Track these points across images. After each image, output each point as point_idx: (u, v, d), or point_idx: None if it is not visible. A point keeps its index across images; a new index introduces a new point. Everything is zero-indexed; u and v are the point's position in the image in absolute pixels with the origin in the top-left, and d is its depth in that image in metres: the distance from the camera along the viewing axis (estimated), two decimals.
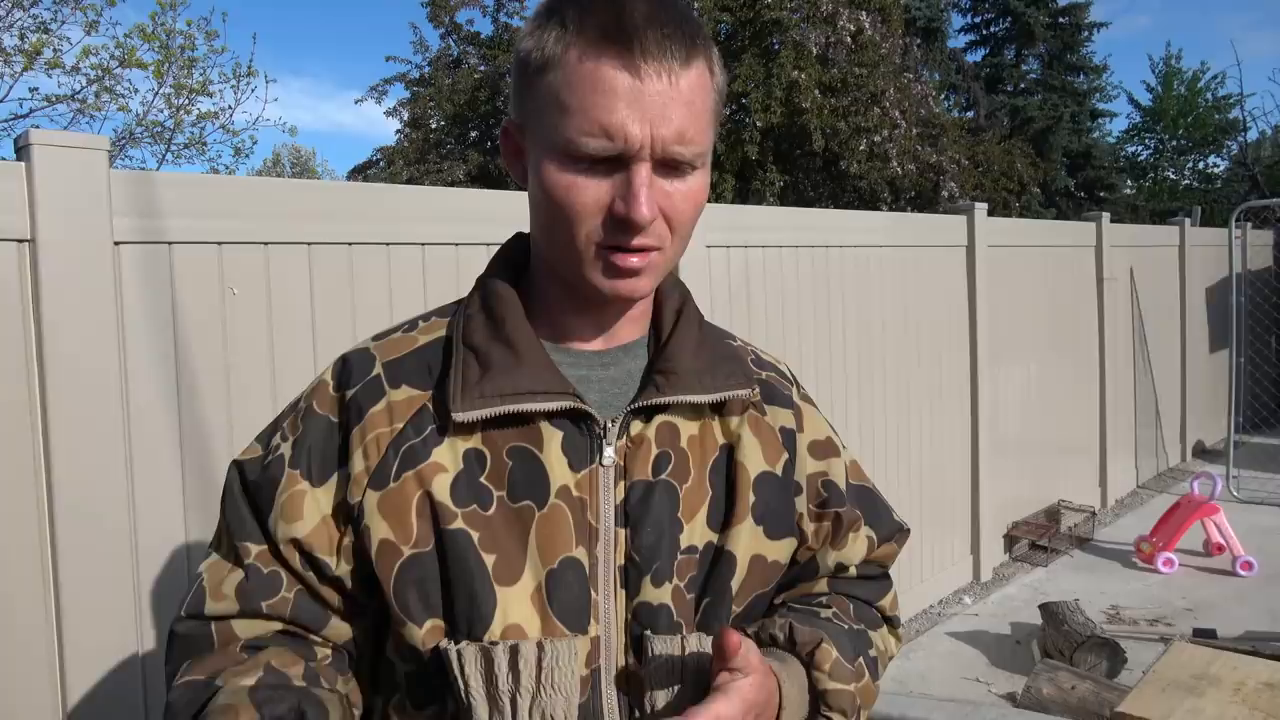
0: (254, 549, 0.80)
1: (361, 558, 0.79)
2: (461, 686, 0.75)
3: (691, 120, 0.74)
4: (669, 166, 0.75)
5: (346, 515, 0.79)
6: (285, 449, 0.82)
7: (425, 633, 0.78)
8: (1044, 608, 3.85)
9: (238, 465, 0.85)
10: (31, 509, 1.73)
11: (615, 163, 0.74)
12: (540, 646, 0.75)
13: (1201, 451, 7.26)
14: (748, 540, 0.85)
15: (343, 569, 0.80)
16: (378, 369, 0.84)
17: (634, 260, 0.77)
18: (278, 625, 0.80)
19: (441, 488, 0.78)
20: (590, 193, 0.75)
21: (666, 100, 0.73)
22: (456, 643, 0.76)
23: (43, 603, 1.74)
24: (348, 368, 0.85)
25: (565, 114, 0.74)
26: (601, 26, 0.73)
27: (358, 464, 0.79)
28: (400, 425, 0.80)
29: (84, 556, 1.76)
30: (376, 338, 0.88)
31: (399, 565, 0.78)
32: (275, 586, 0.80)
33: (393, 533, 0.78)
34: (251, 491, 0.82)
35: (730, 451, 0.87)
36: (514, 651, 0.75)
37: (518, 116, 0.82)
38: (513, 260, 0.89)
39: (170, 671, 0.80)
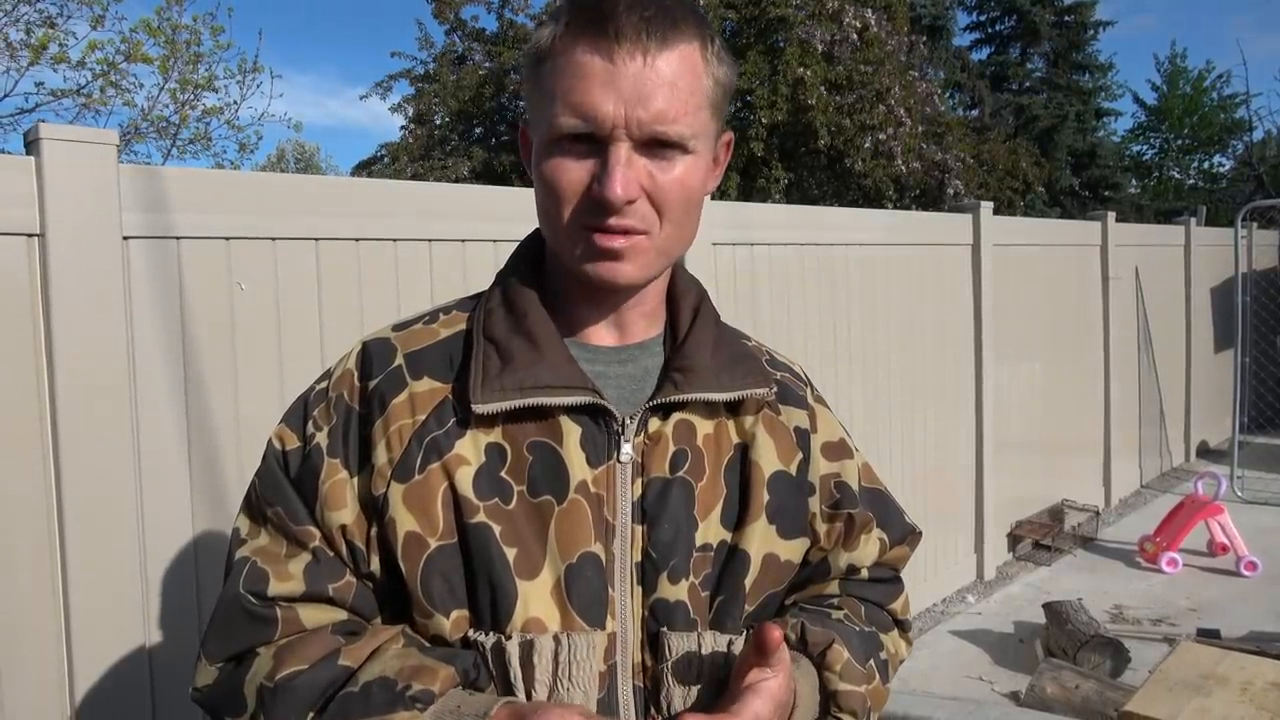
0: (316, 533, 0.80)
1: (384, 549, 0.79)
2: (496, 677, 0.76)
3: (675, 102, 0.75)
4: (653, 148, 0.76)
5: (371, 507, 0.79)
6: (322, 438, 0.82)
7: (452, 624, 0.78)
8: (1047, 607, 3.85)
9: (280, 455, 0.84)
10: (40, 503, 1.74)
11: (595, 144, 0.75)
12: (557, 640, 0.76)
13: (1206, 451, 7.25)
14: (761, 539, 0.85)
15: (374, 562, 0.80)
16: (399, 360, 0.84)
17: (616, 242, 0.77)
18: (341, 614, 0.80)
19: (464, 480, 0.78)
20: (572, 173, 0.76)
21: (642, 81, 0.74)
22: (480, 635, 0.77)
23: (51, 596, 1.75)
24: (369, 357, 0.85)
25: (551, 101, 0.76)
26: (584, 17, 0.75)
27: (381, 456, 0.79)
28: (423, 417, 0.80)
29: (92, 550, 1.77)
30: (396, 328, 0.88)
31: (426, 557, 0.78)
32: (339, 571, 0.80)
33: (418, 525, 0.78)
34: (296, 482, 0.82)
35: (744, 451, 0.87)
36: (529, 646, 0.75)
37: (526, 112, 0.84)
38: (531, 256, 0.89)
39: (224, 648, 0.79)
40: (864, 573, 0.96)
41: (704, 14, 0.81)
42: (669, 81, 0.74)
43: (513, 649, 0.76)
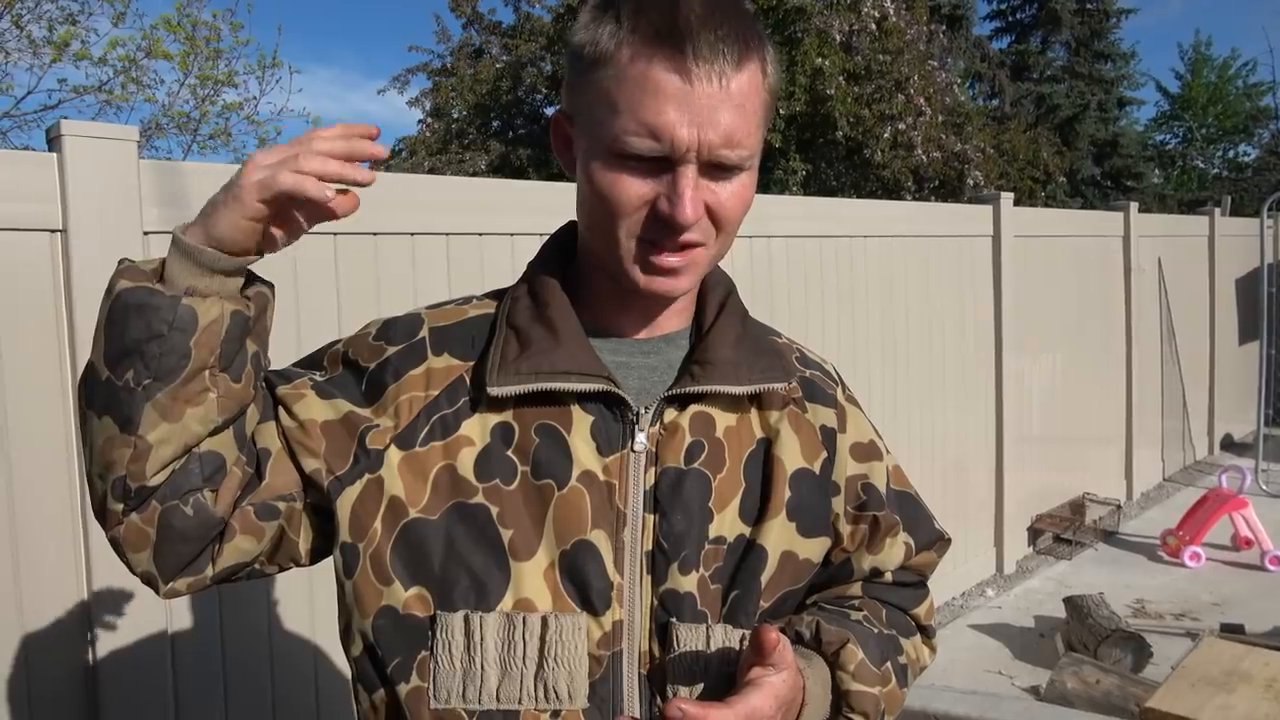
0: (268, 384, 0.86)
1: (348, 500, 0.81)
2: (479, 651, 0.77)
3: (741, 123, 0.75)
4: (716, 168, 0.76)
5: (362, 450, 0.81)
6: (318, 376, 0.87)
7: (409, 597, 0.79)
8: (1068, 601, 3.82)
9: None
10: (65, 493, 1.76)
11: (661, 163, 0.75)
12: (544, 621, 0.77)
13: (1230, 444, 7.17)
14: (779, 535, 0.85)
15: (310, 464, 0.81)
16: (424, 332, 0.86)
17: (674, 260, 0.78)
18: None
19: (466, 462, 0.80)
20: (635, 189, 0.76)
21: (716, 104, 0.73)
22: (455, 612, 0.78)
23: (75, 585, 1.78)
24: (391, 326, 0.88)
25: (614, 112, 0.74)
26: (655, 26, 0.73)
27: (386, 420, 0.82)
28: (435, 393, 0.82)
29: None
30: (429, 307, 0.91)
31: (403, 525, 0.79)
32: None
33: (405, 493, 0.80)
34: (274, 372, 0.86)
35: (768, 445, 0.87)
36: (522, 623, 0.77)
37: (569, 107, 0.82)
38: (562, 248, 0.90)
39: None
40: (888, 576, 0.95)
41: (756, 20, 0.80)
42: (738, 104, 0.74)
43: (504, 624, 0.77)
